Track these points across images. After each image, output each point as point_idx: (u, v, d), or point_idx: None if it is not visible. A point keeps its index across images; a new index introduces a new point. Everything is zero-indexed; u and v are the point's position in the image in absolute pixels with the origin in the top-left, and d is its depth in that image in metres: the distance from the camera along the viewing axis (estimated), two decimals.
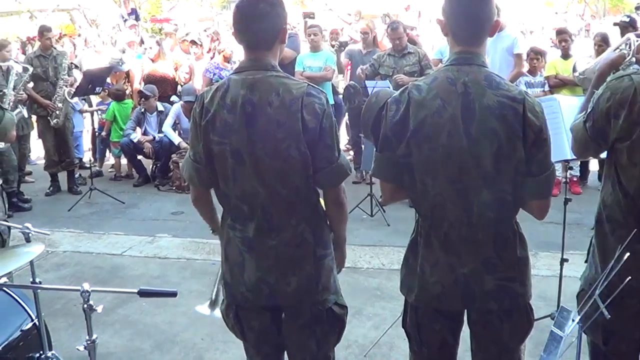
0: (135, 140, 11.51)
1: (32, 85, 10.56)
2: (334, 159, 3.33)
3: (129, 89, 12.63)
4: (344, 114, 11.89)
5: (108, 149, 12.67)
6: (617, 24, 10.16)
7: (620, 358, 3.49)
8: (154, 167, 11.96)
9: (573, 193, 9.30)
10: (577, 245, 6.25)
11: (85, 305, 3.63)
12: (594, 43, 9.59)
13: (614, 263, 2.91)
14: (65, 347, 5.13)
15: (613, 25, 10.61)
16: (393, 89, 7.35)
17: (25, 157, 11.74)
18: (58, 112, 10.58)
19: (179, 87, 12.41)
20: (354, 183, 10.45)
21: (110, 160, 12.77)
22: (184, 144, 11.30)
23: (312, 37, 11.25)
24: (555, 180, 3.53)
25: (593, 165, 10.45)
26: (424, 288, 3.35)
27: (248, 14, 3.28)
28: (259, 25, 3.27)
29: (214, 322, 5.68)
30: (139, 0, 29.31)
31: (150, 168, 12.06)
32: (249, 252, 3.39)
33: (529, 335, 3.47)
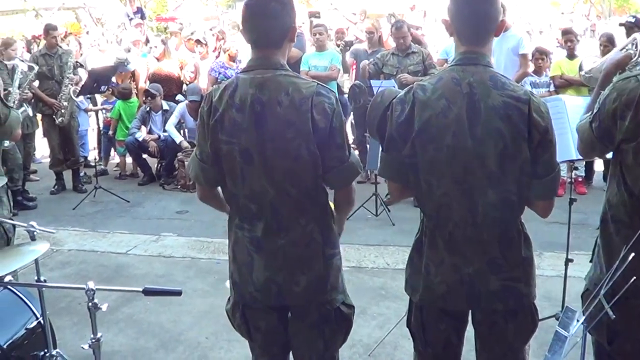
0: (141, 139, 11.52)
1: (37, 84, 10.58)
2: (345, 158, 3.33)
3: (135, 88, 12.62)
4: (349, 114, 11.88)
5: (113, 148, 12.68)
6: (622, 25, 10.14)
7: (625, 358, 3.48)
8: (159, 165, 11.97)
9: (578, 193, 9.28)
10: (581, 246, 6.25)
11: (90, 304, 3.64)
12: (600, 43, 9.60)
13: (619, 263, 2.90)
14: (70, 345, 5.15)
15: (619, 26, 10.59)
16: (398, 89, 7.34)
17: (30, 155, 11.78)
18: (63, 110, 10.59)
19: (184, 86, 12.41)
20: (359, 182, 10.41)
21: (115, 159, 12.77)
22: (185, 143, 11.35)
23: (317, 36, 11.25)
24: (561, 181, 3.53)
25: (598, 166, 10.43)
26: (429, 288, 3.35)
27: (259, 12, 3.26)
28: (270, 24, 3.26)
29: (219, 321, 5.73)
30: None
31: (155, 167, 12.07)
32: (258, 252, 3.37)
33: (534, 335, 3.47)
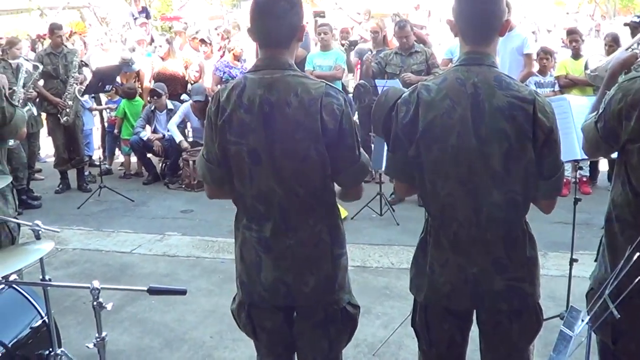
0: (145, 138, 11.54)
1: (42, 83, 10.60)
2: (356, 159, 3.33)
3: (139, 87, 12.62)
4: (354, 113, 11.88)
5: (118, 147, 12.70)
6: (627, 25, 10.12)
7: (630, 358, 3.48)
8: (164, 165, 11.98)
9: (582, 193, 9.27)
10: (586, 245, 6.24)
11: (95, 303, 3.65)
12: (605, 43, 9.60)
13: (624, 263, 2.90)
14: (75, 344, 5.15)
15: (623, 26, 10.57)
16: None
17: (35, 154, 11.79)
18: (68, 110, 10.61)
19: (189, 85, 12.42)
20: (364, 182, 10.41)
21: (120, 158, 12.80)
22: (185, 144, 11.41)
23: (322, 36, 11.25)
24: (565, 180, 3.53)
25: (602, 166, 10.43)
26: (434, 287, 3.35)
27: (267, 12, 3.24)
28: (278, 23, 3.23)
29: (223, 320, 5.74)
30: None
31: (160, 166, 12.09)
32: (266, 252, 3.36)
33: (538, 335, 3.47)
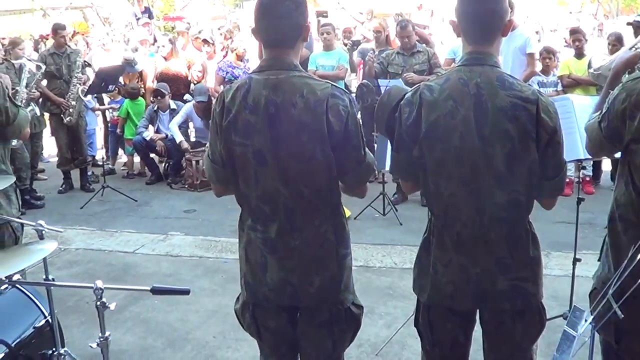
0: (148, 138, 11.54)
1: (45, 83, 10.62)
2: (362, 159, 3.33)
3: (142, 88, 12.62)
4: (357, 113, 11.86)
5: (121, 147, 12.70)
6: (630, 24, 10.11)
7: (633, 357, 3.48)
8: (167, 165, 11.99)
9: (585, 193, 9.25)
10: (589, 245, 6.24)
11: (98, 303, 3.65)
12: (608, 42, 9.59)
13: (627, 262, 2.90)
14: (78, 344, 5.16)
15: (626, 25, 10.57)
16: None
17: (38, 154, 11.80)
18: (71, 110, 10.62)
19: (192, 85, 12.42)
20: None
21: (123, 158, 12.80)
22: (185, 144, 11.40)
23: (325, 35, 11.24)
24: (568, 180, 3.54)
25: (605, 165, 10.41)
26: (437, 287, 3.35)
27: (272, 12, 3.23)
28: (283, 23, 3.23)
29: (226, 320, 5.74)
30: None
31: (163, 166, 12.09)
32: (271, 253, 3.36)
33: (541, 335, 3.47)
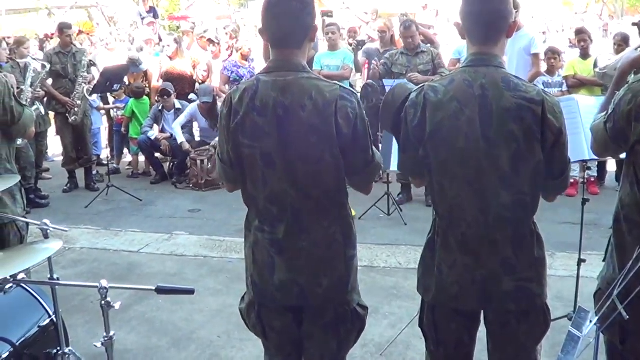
0: (153, 138, 11.56)
1: (51, 82, 10.64)
2: (370, 160, 3.33)
3: (147, 87, 12.62)
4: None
5: (126, 146, 12.71)
6: (635, 24, 10.09)
7: (638, 358, 3.48)
8: (171, 164, 11.99)
9: (590, 193, 9.23)
10: (594, 246, 6.23)
11: (103, 302, 3.65)
12: (614, 42, 9.58)
13: (632, 263, 2.90)
14: (83, 343, 5.16)
15: (632, 26, 10.55)
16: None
17: (43, 153, 11.82)
18: (77, 109, 10.63)
19: (197, 84, 12.42)
20: None
21: (128, 158, 12.82)
22: (187, 145, 11.39)
23: (330, 35, 11.24)
24: (573, 181, 3.55)
25: (610, 166, 10.40)
26: (442, 288, 3.35)
27: (280, 12, 3.22)
28: (291, 23, 3.22)
29: (231, 319, 5.74)
30: None
31: (168, 165, 12.10)
32: (279, 254, 3.35)
33: (546, 336, 3.47)
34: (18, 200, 4.99)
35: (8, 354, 3.84)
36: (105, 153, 12.47)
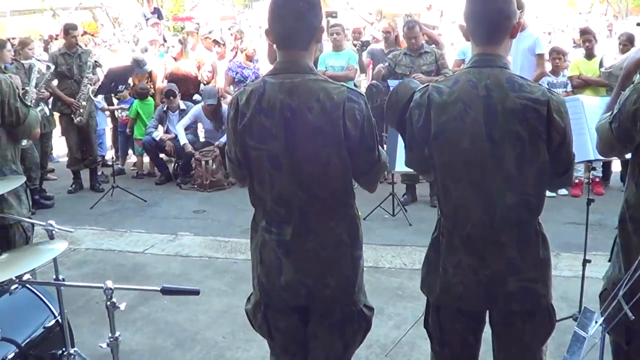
0: (157, 139, 11.55)
1: (56, 83, 10.66)
2: (376, 160, 3.34)
3: (152, 88, 12.62)
4: None
5: (130, 147, 12.71)
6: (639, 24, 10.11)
7: None
8: (176, 165, 11.99)
9: (595, 194, 9.19)
10: (599, 246, 6.23)
11: (108, 303, 3.66)
12: (619, 42, 9.57)
13: (638, 263, 2.89)
14: (88, 344, 5.16)
15: (636, 25, 10.56)
16: None
17: (47, 154, 11.82)
18: (82, 110, 10.64)
19: (201, 85, 12.42)
20: None
21: (133, 158, 12.81)
22: (189, 147, 11.34)
23: (334, 36, 11.23)
24: (578, 181, 3.55)
25: (615, 166, 10.38)
26: (446, 288, 3.35)
27: (286, 13, 3.21)
28: (297, 24, 3.21)
29: (236, 320, 5.74)
30: None
31: (172, 166, 12.10)
32: (286, 255, 3.34)
33: (551, 336, 3.46)
34: (23, 201, 5.00)
35: (13, 355, 3.85)
36: (110, 154, 12.49)
